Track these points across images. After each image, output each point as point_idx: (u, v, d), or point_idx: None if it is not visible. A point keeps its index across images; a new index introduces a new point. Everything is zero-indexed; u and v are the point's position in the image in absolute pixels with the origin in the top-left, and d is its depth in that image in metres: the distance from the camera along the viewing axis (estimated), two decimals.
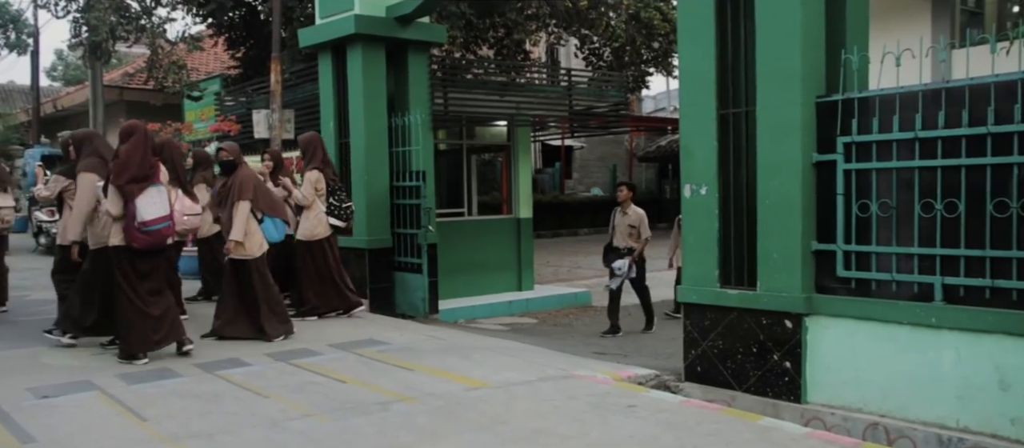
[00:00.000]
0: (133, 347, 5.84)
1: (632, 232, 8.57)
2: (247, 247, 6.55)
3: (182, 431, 4.34)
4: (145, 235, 5.63)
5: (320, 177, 7.64)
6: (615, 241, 8.64)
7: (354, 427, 4.42)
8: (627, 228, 8.59)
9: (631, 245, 8.50)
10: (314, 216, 7.61)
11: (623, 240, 8.58)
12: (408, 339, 6.85)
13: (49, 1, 14.22)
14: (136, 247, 5.68)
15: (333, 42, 8.78)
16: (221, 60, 17.08)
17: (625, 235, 8.58)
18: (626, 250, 8.51)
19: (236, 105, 11.79)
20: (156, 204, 5.67)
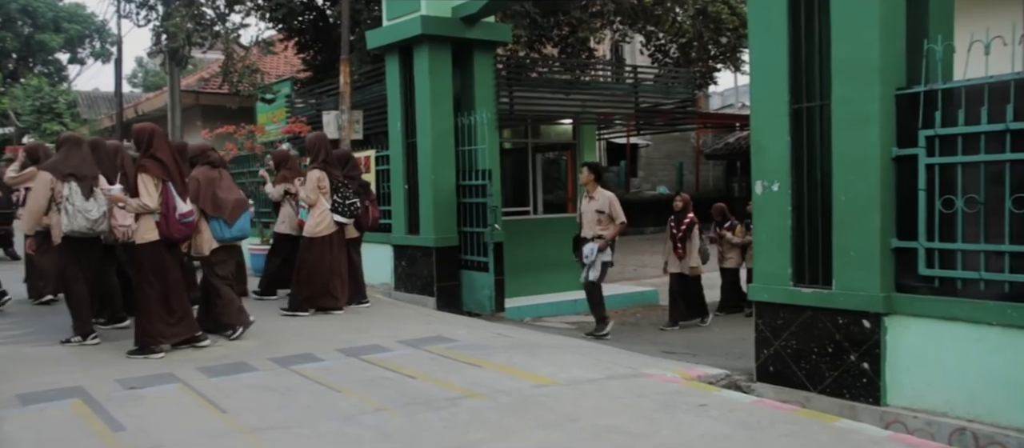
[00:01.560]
0: (155, 340, 6.08)
1: (601, 218, 7.87)
2: (198, 245, 6.69)
3: (260, 423, 4.46)
4: (183, 226, 6.04)
5: (322, 176, 7.83)
6: (583, 231, 7.97)
7: (424, 422, 4.47)
8: (594, 215, 7.87)
9: (600, 233, 7.81)
10: (318, 213, 7.80)
11: (591, 228, 7.87)
12: (476, 336, 6.90)
13: (131, 11, 14.83)
14: (176, 238, 6.06)
15: (400, 43, 8.91)
16: (291, 64, 17.51)
17: (593, 223, 7.86)
18: (594, 239, 7.85)
19: (306, 107, 12.07)
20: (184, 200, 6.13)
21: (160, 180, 5.99)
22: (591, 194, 7.92)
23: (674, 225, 8.81)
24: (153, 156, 6.02)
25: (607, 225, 7.80)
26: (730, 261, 9.70)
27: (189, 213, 6.12)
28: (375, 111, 10.04)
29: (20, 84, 29.03)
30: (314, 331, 7.13)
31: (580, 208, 8.08)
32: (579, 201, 8.15)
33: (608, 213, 7.79)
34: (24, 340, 6.72)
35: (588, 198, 7.94)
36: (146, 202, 5.94)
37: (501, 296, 8.67)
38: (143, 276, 6.07)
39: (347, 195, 7.90)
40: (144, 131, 6.15)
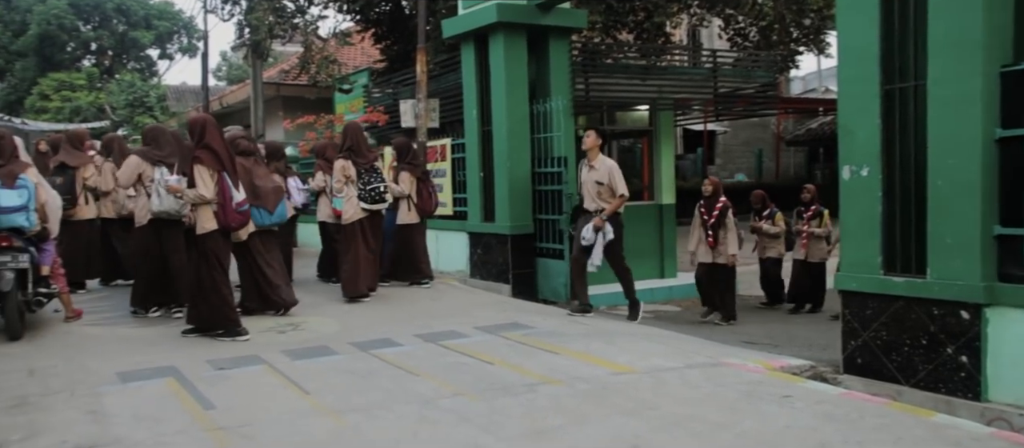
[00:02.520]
0: (218, 324, 6.24)
1: (601, 190, 7.28)
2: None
3: (342, 405, 4.56)
4: (240, 215, 6.20)
5: (346, 164, 7.98)
6: (586, 203, 7.44)
7: (503, 407, 4.48)
8: (594, 186, 7.29)
9: (602, 205, 7.26)
10: (347, 201, 8.02)
11: (592, 200, 7.31)
12: (552, 323, 6.88)
13: (217, 6, 15.34)
14: (233, 227, 6.20)
15: (475, 31, 8.93)
16: (368, 54, 17.79)
17: (593, 194, 7.29)
18: (596, 212, 7.27)
19: (383, 96, 12.25)
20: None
21: (215, 170, 6.09)
22: (592, 162, 7.34)
23: (705, 211, 8.39)
24: (207, 146, 6.11)
25: (608, 198, 7.28)
26: (772, 250, 9.31)
27: (244, 202, 6.24)
28: (451, 99, 10.11)
29: (115, 79, 30.43)
30: (392, 316, 7.25)
31: (580, 177, 7.55)
32: (578, 169, 7.63)
33: (608, 184, 7.24)
34: (118, 321, 7.03)
35: (588, 167, 7.37)
36: (202, 192, 6.03)
37: None
38: (209, 264, 6.16)
39: (369, 181, 7.98)
40: (197, 122, 6.27)
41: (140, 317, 7.18)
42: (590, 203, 7.35)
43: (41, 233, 6.40)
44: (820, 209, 9.05)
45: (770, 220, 9.26)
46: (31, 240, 6.30)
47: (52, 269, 6.63)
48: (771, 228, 9.21)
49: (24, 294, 6.28)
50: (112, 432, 4.09)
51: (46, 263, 6.53)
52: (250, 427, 4.18)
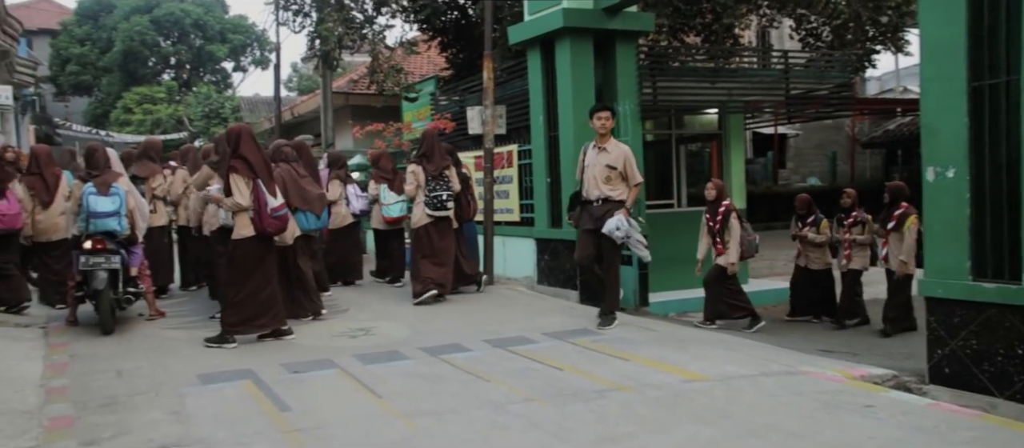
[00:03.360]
0: (242, 328, 6.33)
1: (611, 175, 6.55)
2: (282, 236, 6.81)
3: (414, 408, 4.59)
4: (276, 220, 6.27)
5: (417, 170, 8.25)
6: (586, 189, 6.67)
7: (574, 413, 4.45)
8: (604, 171, 6.54)
9: (608, 194, 6.58)
10: (416, 206, 8.29)
11: (596, 187, 6.58)
12: (620, 330, 6.81)
13: (288, 19, 15.73)
14: (269, 232, 6.27)
15: (541, 37, 8.93)
16: (434, 63, 18.00)
17: (600, 180, 6.56)
18: (599, 201, 6.54)
19: (450, 104, 12.36)
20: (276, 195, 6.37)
21: (250, 178, 6.24)
22: (603, 144, 6.60)
23: (710, 216, 8.09)
24: (241, 156, 6.28)
25: (617, 185, 6.59)
26: (815, 261, 8.77)
27: (280, 207, 6.35)
28: (517, 106, 10.13)
29: (192, 92, 31.59)
30: (461, 322, 7.29)
31: (583, 160, 6.73)
32: (583, 152, 6.85)
33: (621, 171, 6.55)
34: (198, 325, 7.26)
35: (597, 149, 6.61)
36: (239, 201, 6.21)
37: (645, 290, 8.51)
38: (236, 270, 6.35)
39: (434, 188, 8.16)
40: (232, 132, 6.45)
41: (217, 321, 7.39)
42: (593, 191, 6.61)
43: (130, 237, 6.91)
44: (862, 216, 8.49)
45: (815, 228, 8.71)
46: (121, 243, 6.80)
47: (139, 270, 7.14)
48: (816, 236, 8.66)
49: (115, 292, 6.78)
50: (194, 432, 4.21)
51: (134, 265, 7.05)
52: (325, 429, 4.25)
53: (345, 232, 9.81)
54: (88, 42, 33.56)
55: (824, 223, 8.73)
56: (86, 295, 6.86)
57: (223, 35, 34.74)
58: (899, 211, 7.96)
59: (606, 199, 6.62)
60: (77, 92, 34.06)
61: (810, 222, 8.80)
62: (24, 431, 4.21)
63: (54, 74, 33.12)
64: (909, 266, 7.81)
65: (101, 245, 6.61)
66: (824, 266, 8.77)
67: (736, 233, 7.99)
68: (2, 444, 3.98)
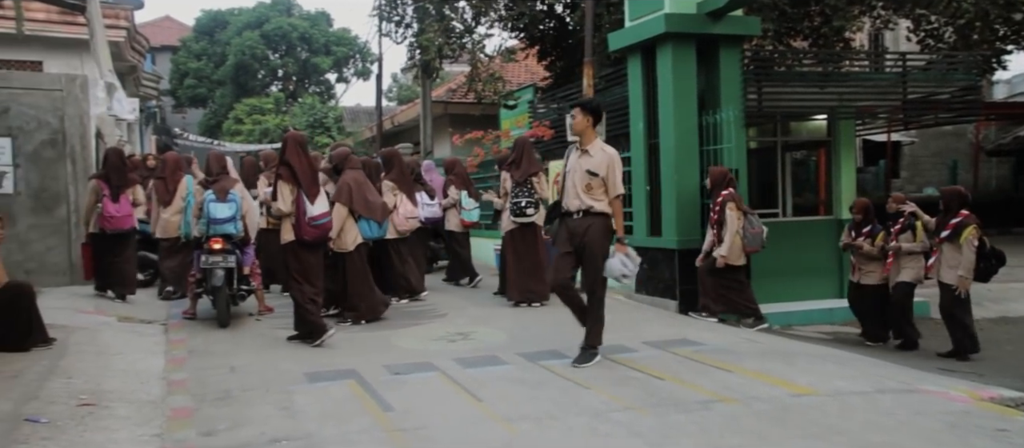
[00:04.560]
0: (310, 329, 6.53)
1: (592, 182, 5.61)
2: (342, 242, 7.29)
3: (514, 413, 4.60)
4: (313, 228, 6.39)
5: (506, 177, 8.63)
6: (566, 199, 5.76)
7: (676, 424, 4.36)
8: (585, 177, 5.63)
9: (590, 205, 5.64)
10: (504, 212, 8.68)
11: (576, 197, 5.66)
12: (723, 341, 6.63)
13: (390, 30, 16.17)
14: (305, 240, 6.41)
15: (642, 43, 8.83)
16: (532, 71, 18.10)
17: (580, 188, 5.64)
18: (579, 213, 5.64)
19: (548, 111, 12.39)
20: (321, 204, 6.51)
21: (294, 186, 6.39)
22: (585, 146, 5.68)
23: (712, 207, 7.80)
24: (286, 163, 6.46)
25: (600, 195, 5.67)
26: (869, 275, 7.96)
27: (319, 216, 6.42)
28: (616, 113, 10.04)
29: (298, 103, 32.87)
30: (558, 329, 7.23)
31: (565, 166, 5.86)
32: (566, 155, 5.95)
33: (603, 178, 5.63)
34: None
35: (579, 152, 5.71)
36: (280, 206, 6.42)
37: None
38: (290, 273, 6.59)
39: (517, 195, 8.39)
40: (283, 140, 6.71)
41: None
42: (573, 200, 5.69)
43: (243, 238, 7.52)
44: (910, 222, 7.74)
45: (870, 239, 7.94)
46: (236, 244, 7.40)
47: (251, 269, 7.73)
48: (869, 247, 7.88)
49: (231, 289, 7.40)
50: (303, 428, 4.35)
51: (247, 264, 7.64)
52: (427, 430, 4.31)
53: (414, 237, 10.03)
54: (204, 57, 35.44)
55: (881, 236, 7.91)
56: (205, 291, 7.49)
57: (327, 48, 35.98)
58: (956, 220, 7.23)
59: (587, 211, 5.64)
60: (193, 104, 35.98)
61: (867, 232, 8.00)
62: (150, 419, 4.46)
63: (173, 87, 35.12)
64: (966, 281, 7.15)
65: (220, 245, 7.22)
66: (879, 281, 7.93)
67: (731, 225, 7.69)
68: (132, 430, 4.22)
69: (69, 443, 3.89)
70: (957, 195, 7.51)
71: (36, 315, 6.00)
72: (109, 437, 4.08)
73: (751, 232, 7.79)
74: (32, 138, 9.37)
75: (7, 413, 4.25)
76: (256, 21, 35.24)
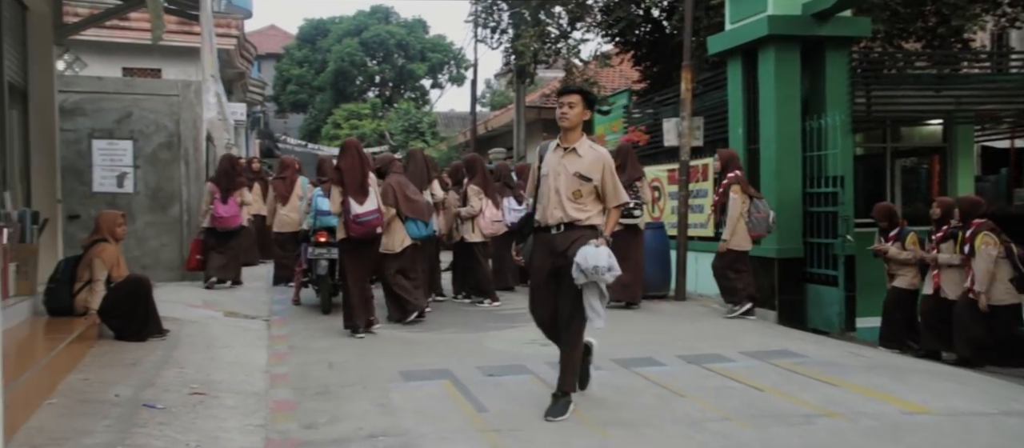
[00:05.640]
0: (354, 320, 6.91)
1: (582, 189, 4.50)
2: (390, 243, 7.45)
3: (607, 418, 4.54)
4: (358, 225, 6.72)
5: None
6: (543, 210, 4.59)
7: (777, 436, 4.21)
8: (573, 182, 4.49)
9: (574, 218, 4.50)
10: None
11: (558, 206, 4.51)
12: (827, 353, 6.36)
13: (486, 36, 16.34)
14: (352, 236, 6.75)
15: (743, 46, 8.61)
16: (626, 76, 17.94)
17: (566, 195, 4.50)
18: (561, 227, 4.49)
19: (643, 116, 12.24)
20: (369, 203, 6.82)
21: (341, 188, 6.78)
22: (572, 144, 4.56)
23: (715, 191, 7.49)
24: (337, 167, 6.96)
25: (589, 205, 4.54)
26: (900, 278, 7.52)
27: (364, 214, 6.75)
28: (714, 118, 9.84)
29: (393, 108, 33.67)
30: (651, 336, 7.15)
31: (543, 167, 4.64)
32: (539, 157, 4.76)
33: (597, 184, 4.52)
34: (398, 326, 7.62)
35: (564, 150, 4.57)
36: (331, 207, 7.00)
37: (852, 314, 7.94)
38: (343, 268, 7.09)
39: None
40: (342, 146, 7.19)
41: (413, 323, 7.72)
42: (553, 211, 4.53)
43: None
44: (954, 229, 7.14)
45: (899, 242, 7.53)
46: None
47: None
48: (896, 251, 7.48)
49: (333, 279, 7.97)
50: (400, 424, 4.42)
51: None
52: (521, 432, 4.30)
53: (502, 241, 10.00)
54: (306, 64, 36.78)
55: (910, 237, 7.49)
56: (310, 280, 8.15)
57: (423, 54, 36.74)
58: (970, 230, 6.83)
59: (571, 224, 4.48)
60: (294, 109, 37.39)
61: (893, 236, 7.59)
62: (255, 411, 4.63)
63: (276, 93, 36.61)
64: (981, 298, 6.62)
65: (325, 238, 7.80)
66: (909, 286, 7.51)
67: (734, 209, 7.58)
68: (239, 420, 4.39)
69: (182, 429, 4.07)
70: (972, 204, 7.14)
71: (152, 308, 6.34)
72: (218, 425, 4.25)
73: (756, 216, 7.70)
74: (150, 141, 9.92)
75: (128, 398, 4.50)
76: (355, 29, 36.34)
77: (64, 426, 3.94)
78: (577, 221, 4.52)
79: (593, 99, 4.76)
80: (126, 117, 9.83)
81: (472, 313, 8.39)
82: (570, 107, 4.56)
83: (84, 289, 6.04)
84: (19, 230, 6.14)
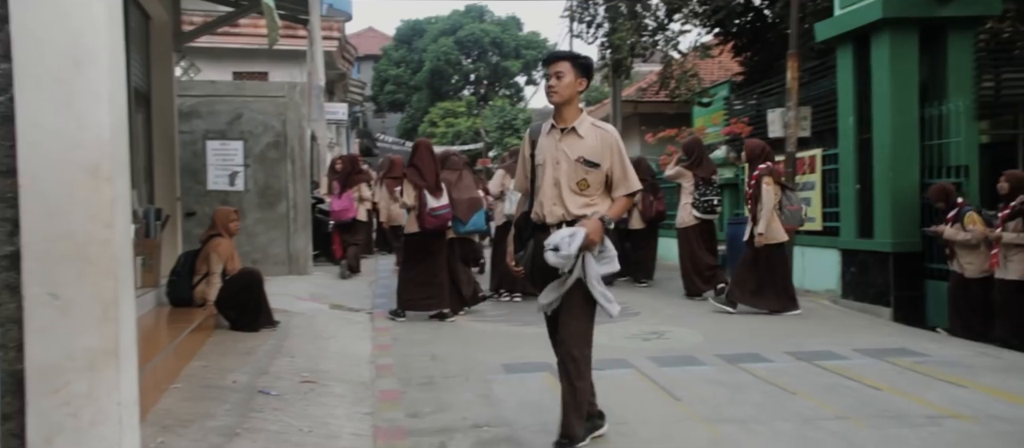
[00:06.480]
0: (405, 305, 7.50)
1: (588, 178, 3.68)
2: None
3: (715, 415, 4.43)
4: (433, 218, 7.18)
5: (688, 174, 8.86)
6: (540, 205, 3.78)
7: (899, 438, 3.99)
8: (574, 170, 3.68)
9: (580, 214, 3.67)
10: (682, 208, 8.89)
11: (557, 202, 3.71)
12: (950, 353, 6.00)
13: (582, 31, 16.23)
14: (427, 228, 7.22)
15: (855, 32, 8.21)
16: (725, 67, 17.46)
17: (567, 185, 3.69)
18: (562, 226, 3.67)
19: (745, 108, 11.89)
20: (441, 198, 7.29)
21: (417, 184, 7.25)
22: (567, 122, 3.73)
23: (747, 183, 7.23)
24: (413, 164, 7.43)
25: (598, 198, 3.74)
26: (970, 266, 6.87)
27: (439, 207, 7.23)
28: (821, 107, 9.44)
29: (488, 105, 33.99)
30: (757, 331, 6.94)
31: (532, 156, 3.85)
32: (529, 141, 3.92)
33: (607, 170, 3.71)
34: (499, 320, 7.69)
35: (560, 131, 3.74)
36: (405, 201, 7.39)
37: None
38: (408, 258, 7.54)
39: (705, 193, 8.60)
40: (413, 145, 7.71)
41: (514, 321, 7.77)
42: (554, 208, 3.73)
43: None
44: (1021, 206, 6.43)
45: (958, 223, 6.90)
46: None
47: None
48: (957, 233, 6.86)
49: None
50: (503, 416, 4.43)
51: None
52: (626, 426, 4.24)
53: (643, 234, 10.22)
54: (402, 64, 37.61)
55: (970, 216, 6.81)
56: None
57: (517, 51, 36.95)
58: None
59: (573, 222, 3.67)
60: (392, 109, 38.31)
61: (951, 217, 6.98)
62: (362, 399, 4.74)
63: (375, 94, 37.59)
64: None
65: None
66: (981, 273, 6.82)
67: (767, 201, 7.49)
68: (348, 408, 4.52)
69: (296, 415, 4.21)
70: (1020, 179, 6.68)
71: (264, 300, 6.59)
72: (328, 412, 4.38)
73: (789, 208, 7.57)
74: (259, 141, 10.34)
75: (244, 384, 4.69)
76: (451, 28, 36.88)
77: (189, 409, 4.14)
78: (581, 218, 3.66)
79: (588, 65, 3.76)
80: (237, 119, 10.27)
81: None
82: (558, 78, 3.67)
83: (202, 282, 6.35)
84: (144, 226, 6.50)
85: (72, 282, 2.49)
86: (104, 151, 2.53)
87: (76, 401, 2.49)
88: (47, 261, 2.47)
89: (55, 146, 2.47)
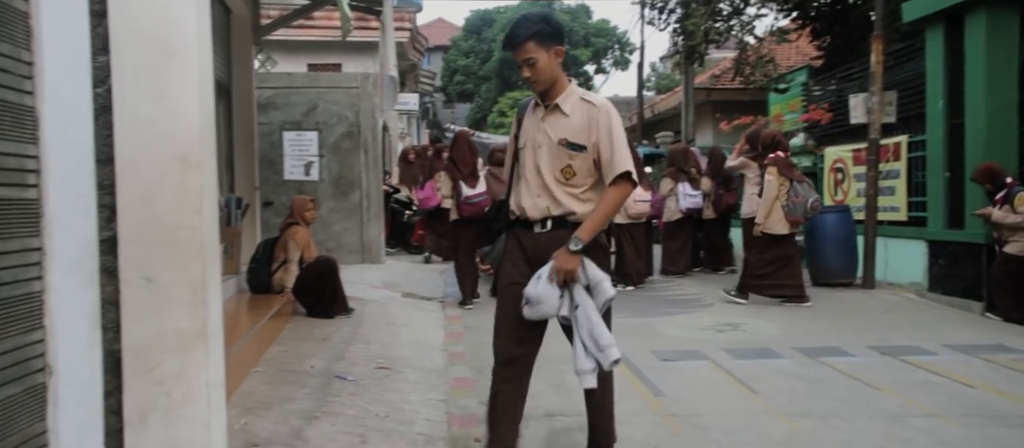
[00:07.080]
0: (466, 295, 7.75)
1: (575, 162, 3.07)
2: None
3: (794, 409, 4.31)
4: (469, 206, 7.52)
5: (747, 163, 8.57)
6: (520, 195, 3.19)
7: (996, 439, 3.81)
8: (556, 154, 3.09)
9: (570, 208, 3.10)
10: (747, 198, 8.47)
11: (541, 192, 3.12)
12: None
13: (653, 17, 15.97)
14: (464, 216, 7.57)
15: (946, 11, 7.82)
16: (802, 52, 16.95)
17: (550, 173, 3.10)
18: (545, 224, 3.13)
19: (824, 94, 11.50)
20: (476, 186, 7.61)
21: (453, 174, 7.64)
22: (552, 98, 3.14)
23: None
24: (450, 157, 7.88)
25: (588, 188, 3.13)
26: (1014, 244, 6.65)
27: (474, 196, 7.55)
28: (908, 92, 9.04)
29: None
30: (837, 325, 6.72)
31: (520, 137, 3.27)
32: (517, 122, 3.35)
33: (592, 153, 3.08)
34: None
35: (544, 108, 3.16)
36: (442, 191, 7.93)
37: None
38: (454, 245, 7.93)
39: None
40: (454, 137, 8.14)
41: None
42: (532, 199, 3.16)
43: None
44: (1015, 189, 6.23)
45: (1007, 205, 6.67)
46: None
47: None
48: (1007, 215, 6.66)
49: None
50: (576, 405, 4.37)
51: None
52: (701, 418, 4.17)
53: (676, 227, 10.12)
54: (472, 55, 37.78)
55: (1021, 197, 6.61)
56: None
57: (587, 39, 36.65)
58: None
59: (562, 220, 3.12)
60: (461, 99, 38.54)
61: (1000, 198, 6.77)
62: (436, 386, 4.79)
63: (444, 84, 37.88)
64: None
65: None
66: (1020, 252, 6.65)
67: (769, 191, 7.49)
68: (422, 395, 4.56)
69: (372, 400, 4.28)
70: None
71: (339, 287, 6.72)
72: (403, 398, 4.44)
73: (794, 200, 7.39)
74: (333, 131, 10.54)
75: (321, 370, 4.80)
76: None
77: (270, 392, 4.25)
78: (571, 214, 3.10)
79: (553, 29, 3.08)
80: (312, 110, 10.49)
81: (639, 298, 8.26)
82: (530, 65, 3.07)
83: (280, 269, 6.51)
84: (226, 215, 6.71)
85: (164, 266, 2.57)
86: (193, 140, 2.60)
87: (168, 381, 2.58)
88: (141, 246, 2.56)
89: (149, 135, 2.56)
